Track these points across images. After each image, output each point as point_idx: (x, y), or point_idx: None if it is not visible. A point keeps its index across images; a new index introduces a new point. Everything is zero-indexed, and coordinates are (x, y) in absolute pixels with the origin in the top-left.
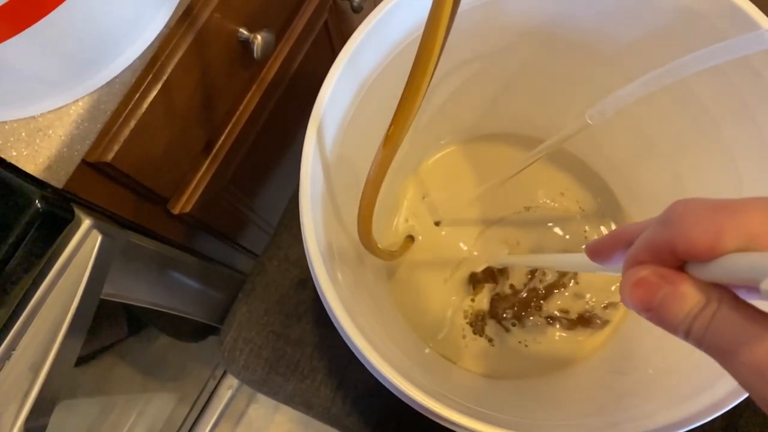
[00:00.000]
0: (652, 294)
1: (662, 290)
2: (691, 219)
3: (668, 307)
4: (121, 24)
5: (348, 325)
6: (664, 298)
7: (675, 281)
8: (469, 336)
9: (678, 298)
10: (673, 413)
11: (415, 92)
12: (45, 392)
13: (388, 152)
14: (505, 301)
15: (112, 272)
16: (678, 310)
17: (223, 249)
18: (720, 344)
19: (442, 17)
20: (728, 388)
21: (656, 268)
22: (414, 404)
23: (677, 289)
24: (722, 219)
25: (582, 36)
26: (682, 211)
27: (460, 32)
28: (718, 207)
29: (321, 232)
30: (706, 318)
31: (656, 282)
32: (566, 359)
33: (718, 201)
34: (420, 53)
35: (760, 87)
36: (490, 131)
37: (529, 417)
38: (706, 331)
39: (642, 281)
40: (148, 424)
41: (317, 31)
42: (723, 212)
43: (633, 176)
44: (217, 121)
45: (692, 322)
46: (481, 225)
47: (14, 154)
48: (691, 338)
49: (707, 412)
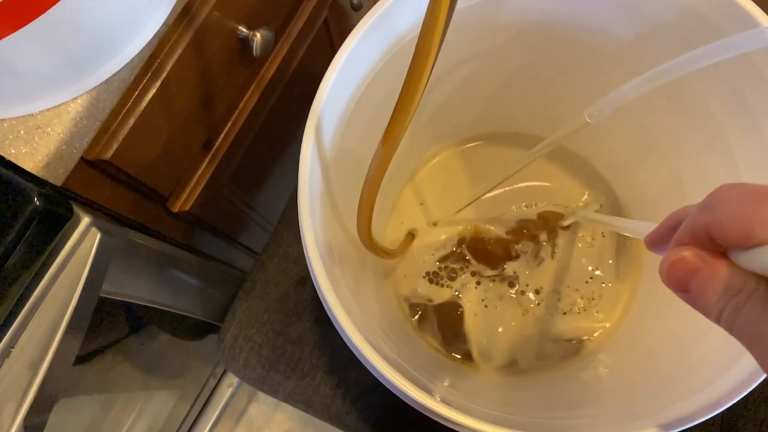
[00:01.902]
0: (689, 274)
1: (700, 272)
2: (728, 206)
3: (704, 288)
4: (120, 21)
5: (346, 322)
6: (701, 280)
7: (713, 264)
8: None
9: (714, 280)
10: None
11: (413, 89)
12: (44, 390)
13: (387, 150)
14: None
15: (111, 270)
16: (713, 292)
17: (222, 247)
18: (751, 329)
19: (439, 14)
20: (726, 387)
21: (697, 250)
22: (412, 402)
23: (714, 271)
24: (757, 209)
25: (581, 34)
26: (723, 197)
27: (459, 31)
28: (758, 194)
29: (319, 230)
30: (740, 301)
31: (694, 263)
32: (566, 358)
33: (758, 188)
34: (418, 50)
35: (761, 85)
36: (490, 130)
37: (530, 415)
38: (739, 314)
39: (680, 261)
40: (148, 422)
41: (317, 28)
42: (761, 199)
43: (633, 175)
44: (217, 119)
45: (725, 305)
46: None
47: (13, 152)
48: (723, 321)
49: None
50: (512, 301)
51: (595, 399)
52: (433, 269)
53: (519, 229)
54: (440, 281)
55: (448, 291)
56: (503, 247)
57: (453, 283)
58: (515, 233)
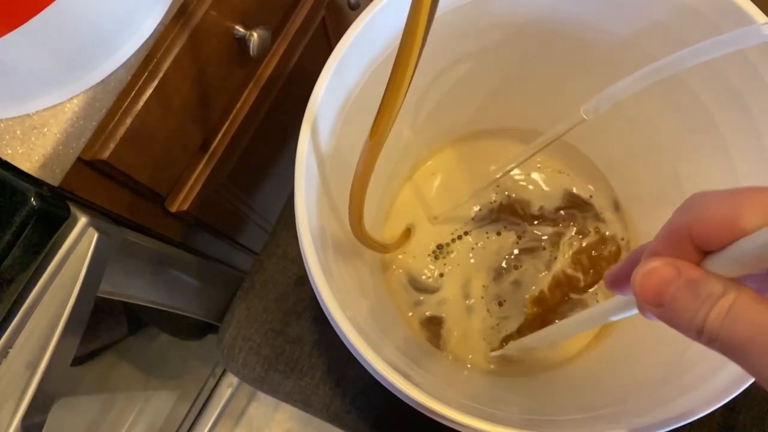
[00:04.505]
0: (664, 286)
1: (675, 283)
2: (708, 204)
3: (682, 299)
4: (116, 21)
5: (342, 320)
6: (677, 289)
7: (690, 272)
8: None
9: (692, 289)
10: (671, 408)
11: (399, 82)
12: (42, 390)
13: (374, 143)
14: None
15: (109, 270)
16: (693, 302)
17: (221, 247)
18: (738, 338)
19: (422, 4)
20: (722, 384)
21: (670, 259)
22: (410, 401)
23: (693, 279)
24: (740, 198)
25: (577, 31)
26: (702, 196)
27: (454, 29)
28: (737, 190)
29: (316, 229)
30: (722, 309)
31: (669, 273)
32: (565, 356)
33: (737, 188)
34: (403, 41)
35: (757, 83)
36: (487, 127)
37: (527, 413)
38: (723, 323)
39: (653, 272)
40: (148, 422)
41: (314, 28)
42: (741, 193)
43: (631, 173)
44: (214, 118)
45: (707, 315)
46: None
47: (9, 152)
48: (705, 333)
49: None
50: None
51: (591, 398)
52: (432, 265)
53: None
54: (439, 277)
55: (447, 288)
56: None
57: (452, 281)
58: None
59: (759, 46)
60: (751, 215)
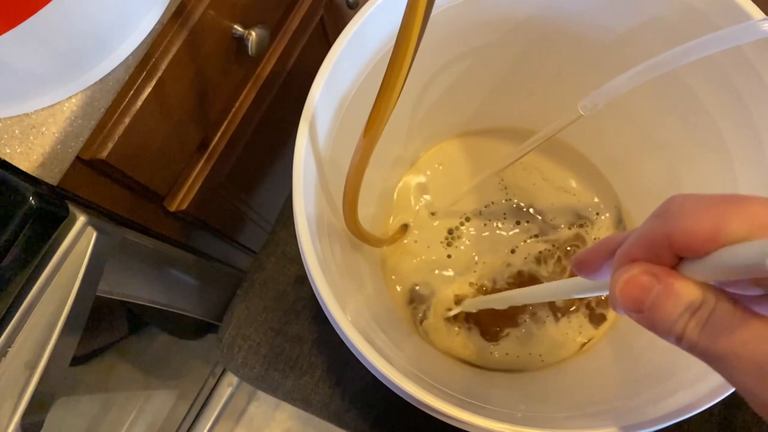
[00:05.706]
0: (643, 294)
1: (654, 290)
2: (688, 212)
3: (661, 307)
4: (114, 20)
5: (341, 318)
6: (656, 299)
7: (668, 280)
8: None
9: (672, 297)
10: (668, 403)
11: (394, 79)
12: (41, 389)
13: (368, 140)
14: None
15: (108, 269)
16: (672, 310)
17: (220, 246)
18: (717, 345)
19: (418, 3)
20: (719, 380)
21: (648, 266)
22: (410, 399)
23: (671, 287)
24: (724, 208)
25: (575, 28)
26: (681, 203)
27: (453, 26)
28: (719, 199)
29: (314, 227)
30: (702, 317)
31: (648, 281)
32: (563, 354)
33: (717, 195)
34: (398, 39)
35: (755, 80)
36: (486, 125)
37: (525, 409)
38: (702, 331)
39: (633, 280)
40: (148, 421)
41: (313, 27)
42: (725, 203)
43: (630, 170)
44: (213, 118)
45: (687, 322)
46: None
47: (8, 152)
48: (685, 341)
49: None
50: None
51: (589, 395)
52: (432, 259)
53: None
54: (438, 275)
55: (446, 285)
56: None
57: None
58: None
59: (756, 42)
60: (736, 227)
